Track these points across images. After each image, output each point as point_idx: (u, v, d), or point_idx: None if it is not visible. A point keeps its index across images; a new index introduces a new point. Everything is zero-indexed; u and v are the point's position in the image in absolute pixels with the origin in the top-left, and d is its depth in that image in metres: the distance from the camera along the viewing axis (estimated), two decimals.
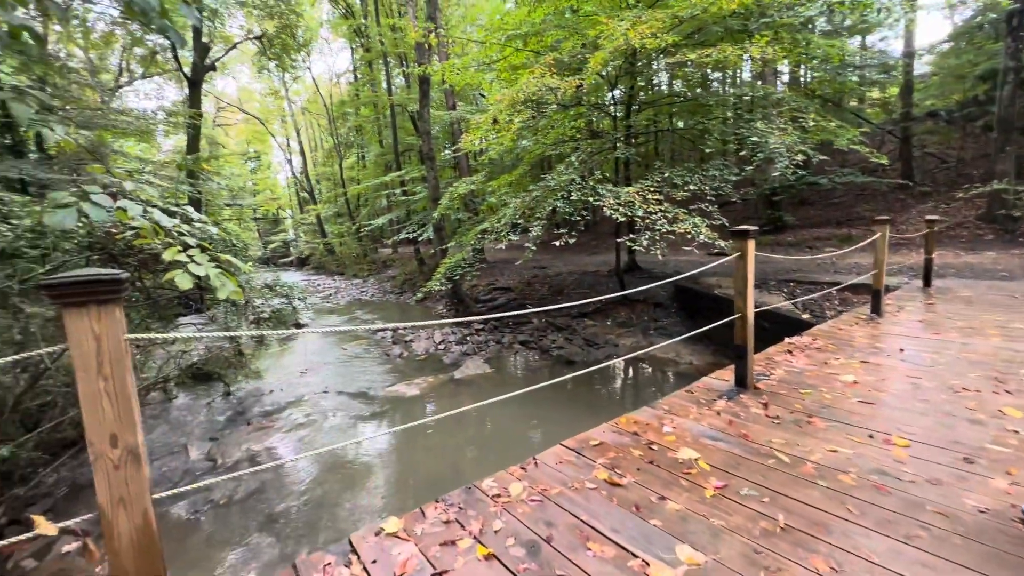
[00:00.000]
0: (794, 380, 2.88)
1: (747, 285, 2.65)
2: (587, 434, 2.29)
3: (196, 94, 17.79)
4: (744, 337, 2.70)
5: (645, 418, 2.43)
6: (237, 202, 34.32)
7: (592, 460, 2.02)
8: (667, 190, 6.21)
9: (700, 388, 2.82)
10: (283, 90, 31.51)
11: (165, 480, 4.86)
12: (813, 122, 6.14)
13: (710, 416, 2.42)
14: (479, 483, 1.88)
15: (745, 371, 2.73)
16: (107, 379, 0.91)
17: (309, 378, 7.97)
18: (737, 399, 2.61)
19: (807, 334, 3.96)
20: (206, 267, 2.34)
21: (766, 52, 5.32)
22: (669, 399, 2.68)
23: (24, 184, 8.10)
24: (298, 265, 36.31)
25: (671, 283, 9.78)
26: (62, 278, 0.86)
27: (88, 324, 0.89)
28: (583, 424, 5.65)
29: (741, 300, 2.69)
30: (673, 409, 2.53)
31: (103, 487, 0.93)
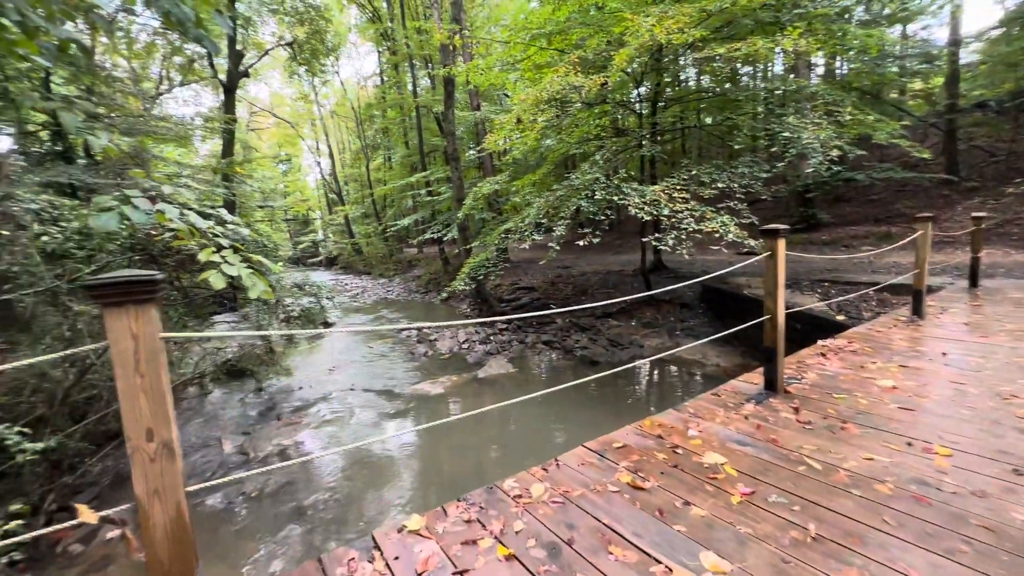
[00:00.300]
0: (827, 384, 2.78)
1: (777, 285, 2.57)
2: (610, 436, 2.26)
3: (231, 100, 18.42)
4: (774, 339, 2.62)
5: (670, 421, 2.39)
6: (269, 204, 35.48)
7: (615, 463, 2.00)
8: (694, 188, 6.07)
9: (727, 391, 2.75)
10: (313, 94, 32.31)
11: (201, 472, 5.06)
12: (850, 116, 5.89)
13: (737, 420, 2.35)
14: (501, 483, 1.88)
15: (775, 374, 2.65)
16: (143, 376, 0.95)
17: (336, 376, 8.15)
18: (766, 403, 2.54)
19: (841, 336, 3.81)
20: (238, 268, 2.42)
21: (799, 44, 5.13)
22: (695, 402, 2.62)
23: (73, 188, 8.57)
24: (327, 265, 37.17)
25: (698, 283, 9.59)
26: (103, 279, 0.90)
27: (126, 323, 0.93)
28: (606, 425, 5.59)
29: (771, 301, 2.61)
30: (699, 412, 2.47)
31: (140, 479, 0.97)
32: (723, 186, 6.02)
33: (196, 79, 20.69)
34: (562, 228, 6.19)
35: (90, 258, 3.28)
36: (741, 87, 11.53)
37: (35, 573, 3.55)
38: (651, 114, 8.75)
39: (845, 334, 3.89)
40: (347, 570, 1.43)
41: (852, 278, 7.79)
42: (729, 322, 8.30)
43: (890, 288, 6.92)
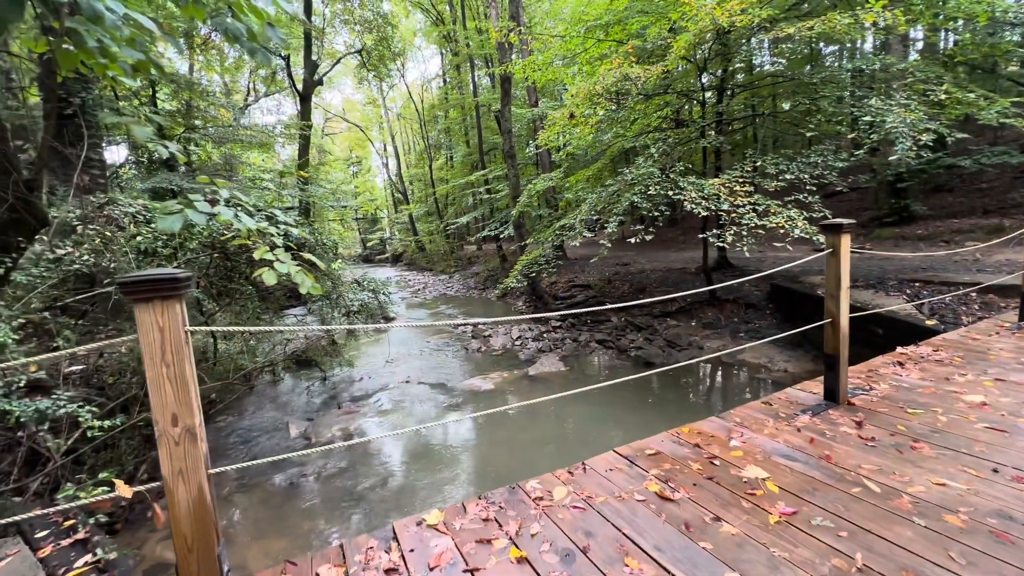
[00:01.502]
0: (901, 397, 2.48)
1: (840, 285, 2.33)
2: (644, 442, 2.16)
3: (306, 108, 19.74)
4: (836, 345, 2.37)
5: (711, 429, 2.24)
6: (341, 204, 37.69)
7: (645, 470, 1.91)
8: (758, 180, 5.65)
9: (781, 400, 2.54)
10: (380, 98, 33.84)
11: (269, 453, 5.49)
12: (946, 94, 5.18)
13: (788, 432, 2.16)
14: (523, 483, 1.87)
15: (836, 384, 2.40)
16: (169, 366, 1.05)
17: (394, 368, 8.49)
18: (824, 415, 2.31)
19: (927, 343, 3.39)
20: (289, 265, 2.58)
21: (884, 18, 4.59)
22: (742, 410, 2.44)
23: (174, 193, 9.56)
24: (392, 261, 38.86)
25: (765, 282, 8.94)
26: (132, 277, 1.00)
27: (153, 317, 1.03)
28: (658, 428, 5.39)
29: (833, 302, 2.37)
30: (745, 421, 2.30)
31: (165, 460, 1.07)
32: (792, 177, 5.54)
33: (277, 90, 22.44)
34: (614, 225, 6.01)
35: (173, 255, 3.65)
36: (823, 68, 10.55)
37: (129, 532, 4.03)
38: (717, 102, 8.25)
39: (931, 341, 3.45)
40: (364, 558, 1.48)
41: (950, 277, 6.91)
42: (800, 325, 7.66)
43: (998, 289, 6.06)
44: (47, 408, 2.39)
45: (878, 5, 4.64)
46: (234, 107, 19.82)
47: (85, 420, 2.56)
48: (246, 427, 6.28)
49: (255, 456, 5.40)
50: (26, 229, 2.67)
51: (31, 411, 2.34)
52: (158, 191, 9.44)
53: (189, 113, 14.68)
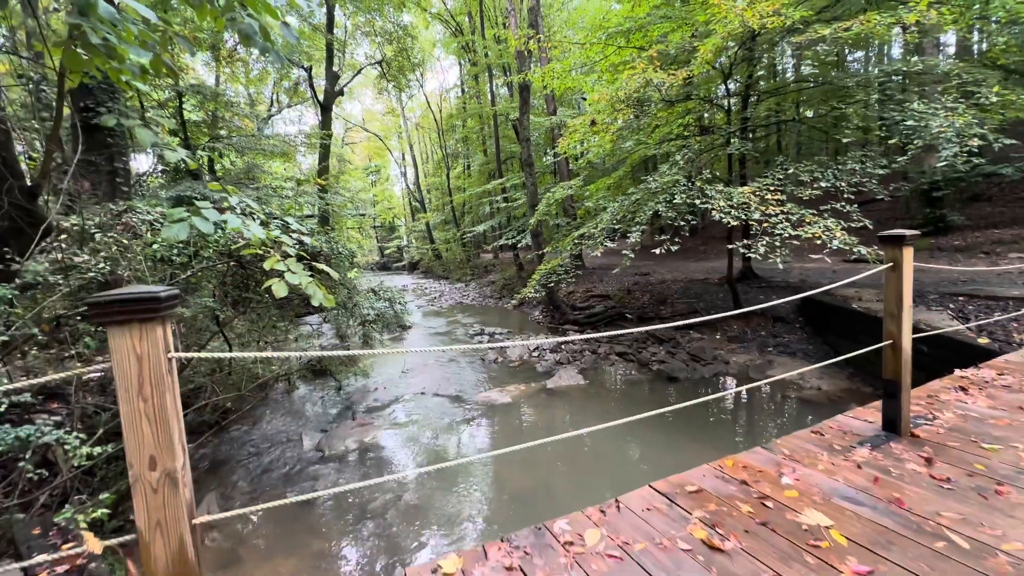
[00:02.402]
0: (972, 429, 2.21)
1: (902, 304, 2.09)
2: (683, 477, 1.95)
3: (327, 118, 20.05)
4: (897, 370, 2.13)
5: (757, 463, 2.02)
6: (360, 212, 38.22)
7: (687, 511, 1.70)
8: (791, 188, 5.38)
9: (833, 429, 2.29)
10: (399, 108, 34.26)
11: (283, 466, 5.37)
12: (997, 96, 4.86)
13: (847, 468, 1.92)
14: (551, 524, 1.67)
15: (898, 413, 2.15)
16: (147, 400, 0.90)
17: (410, 378, 8.35)
18: (885, 449, 2.06)
19: (988, 366, 3.09)
20: (300, 276, 2.45)
21: (927, 17, 4.33)
22: (790, 439, 2.21)
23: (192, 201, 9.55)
24: (409, 269, 39.10)
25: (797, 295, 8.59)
26: (104, 296, 0.86)
27: (130, 343, 0.88)
28: (682, 451, 5.10)
29: (893, 323, 2.12)
30: (796, 454, 2.07)
31: (141, 510, 0.91)
32: (827, 185, 5.26)
33: (300, 101, 22.89)
34: (637, 235, 5.80)
35: (188, 264, 3.58)
36: (850, 74, 10.19)
37: None
38: (741, 109, 8.00)
39: (993, 363, 3.15)
40: None
41: (996, 292, 6.50)
42: (832, 339, 7.31)
43: None
44: (29, 435, 2.25)
45: (923, 4, 4.38)
46: (257, 117, 20.28)
47: (72, 448, 2.43)
48: (259, 437, 6.19)
49: (266, 470, 5.29)
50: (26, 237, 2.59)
51: (10, 439, 2.20)
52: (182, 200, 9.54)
53: (215, 123, 14.99)
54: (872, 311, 6.46)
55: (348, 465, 5.40)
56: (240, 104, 17.91)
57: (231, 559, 3.83)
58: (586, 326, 10.48)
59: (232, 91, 21.30)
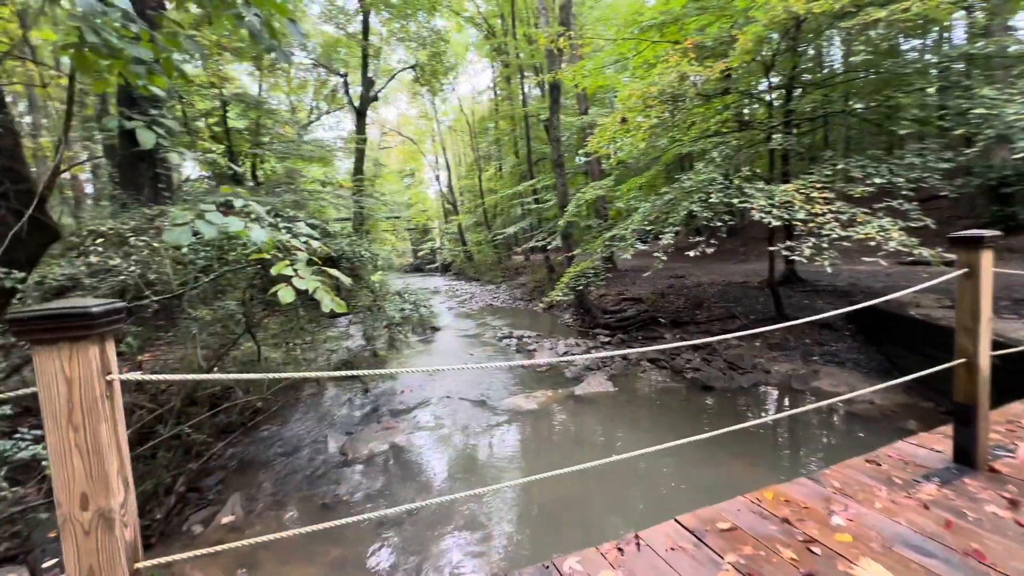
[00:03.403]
0: None
1: (979, 316, 1.79)
2: (714, 511, 1.72)
3: (362, 123, 20.49)
4: (972, 393, 1.83)
5: (803, 496, 1.77)
6: (394, 215, 38.99)
7: (718, 554, 1.48)
8: (840, 186, 4.96)
9: (892, 458, 2.01)
10: (432, 112, 34.69)
11: (307, 468, 5.39)
12: None
13: (911, 508, 1.65)
14: (560, 562, 1.49)
15: (973, 443, 1.85)
16: (78, 429, 0.79)
17: (436, 381, 8.30)
18: (958, 486, 1.77)
19: None
20: (309, 282, 2.37)
21: None
22: (841, 469, 1.94)
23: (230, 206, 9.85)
24: (442, 271, 39.51)
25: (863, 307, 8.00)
26: (28, 312, 0.75)
27: (57, 365, 0.78)
28: (717, 468, 4.76)
29: (968, 338, 1.83)
30: (847, 487, 1.80)
31: (70, 554, 0.80)
32: (882, 181, 4.81)
33: (337, 108, 23.54)
34: (670, 236, 5.50)
35: (207, 268, 3.60)
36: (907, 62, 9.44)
37: (164, 546, 3.99)
38: (784, 103, 7.52)
39: None
40: None
41: None
42: (887, 349, 6.74)
43: None
44: (5, 451, 2.23)
45: None
46: (297, 124, 20.98)
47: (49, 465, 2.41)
48: (288, 437, 6.26)
49: (291, 471, 5.31)
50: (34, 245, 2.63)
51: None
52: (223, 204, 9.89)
53: (258, 131, 15.57)
54: (933, 318, 5.91)
55: (372, 469, 5.36)
56: (281, 112, 18.58)
57: (249, 560, 3.83)
58: (617, 330, 10.16)
59: (275, 100, 22.15)
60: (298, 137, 17.15)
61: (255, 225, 2.00)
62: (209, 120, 14.01)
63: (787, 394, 6.48)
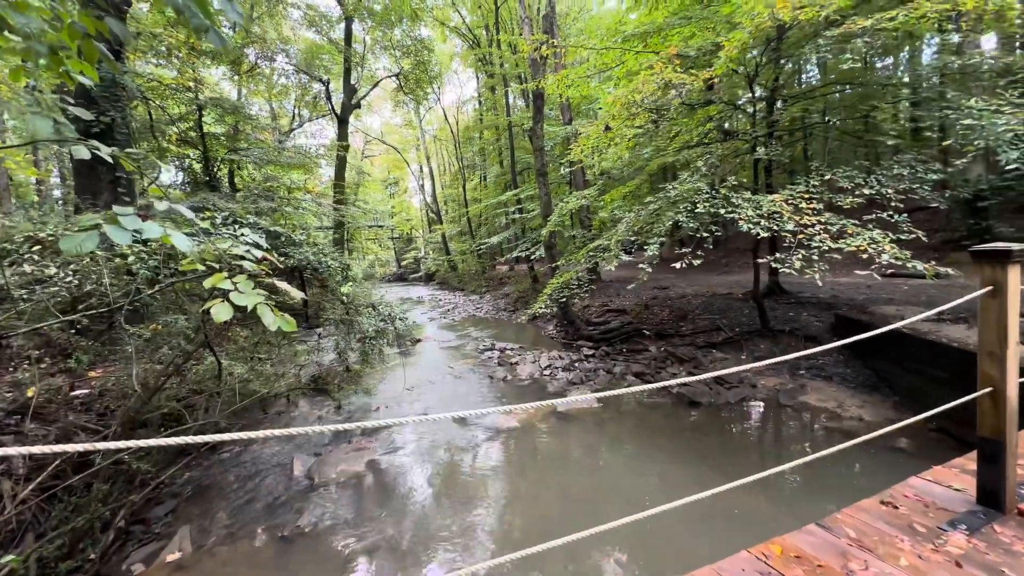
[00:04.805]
0: None
1: (1007, 340, 1.58)
2: (714, 569, 1.46)
3: (344, 130, 20.17)
4: (999, 427, 1.62)
5: (814, 550, 1.52)
6: (377, 224, 38.50)
7: None
8: (829, 196, 4.84)
9: (909, 499, 1.78)
10: (417, 121, 34.51)
11: (269, 494, 4.99)
12: None
13: (942, 567, 1.42)
14: None
15: (1001, 483, 1.64)
16: None
17: (413, 396, 7.95)
18: (988, 534, 1.55)
19: None
20: (250, 296, 2.07)
21: (990, 1, 3.79)
22: (855, 513, 1.70)
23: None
24: (425, 280, 39.08)
25: (816, 310, 7.92)
26: None
27: None
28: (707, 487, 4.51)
29: (994, 365, 1.62)
30: (865, 536, 1.57)
31: None
32: (871, 192, 4.71)
33: (320, 115, 23.18)
34: (655, 247, 5.32)
35: (155, 280, 3.26)
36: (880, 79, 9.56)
37: None
38: (767, 114, 7.49)
39: None
40: None
41: None
42: (874, 363, 6.64)
43: None
44: None
45: None
46: (279, 130, 20.55)
47: None
48: (251, 460, 5.85)
49: (251, 499, 4.91)
50: None
51: None
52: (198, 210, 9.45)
53: (236, 136, 15.12)
54: (920, 332, 5.82)
55: (341, 494, 4.99)
56: (260, 117, 18.15)
57: None
58: (601, 342, 9.95)
59: (256, 106, 21.70)
60: (278, 144, 16.75)
61: (177, 232, 1.70)
62: (184, 124, 13.55)
63: (775, 410, 6.32)
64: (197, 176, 14.63)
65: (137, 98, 9.23)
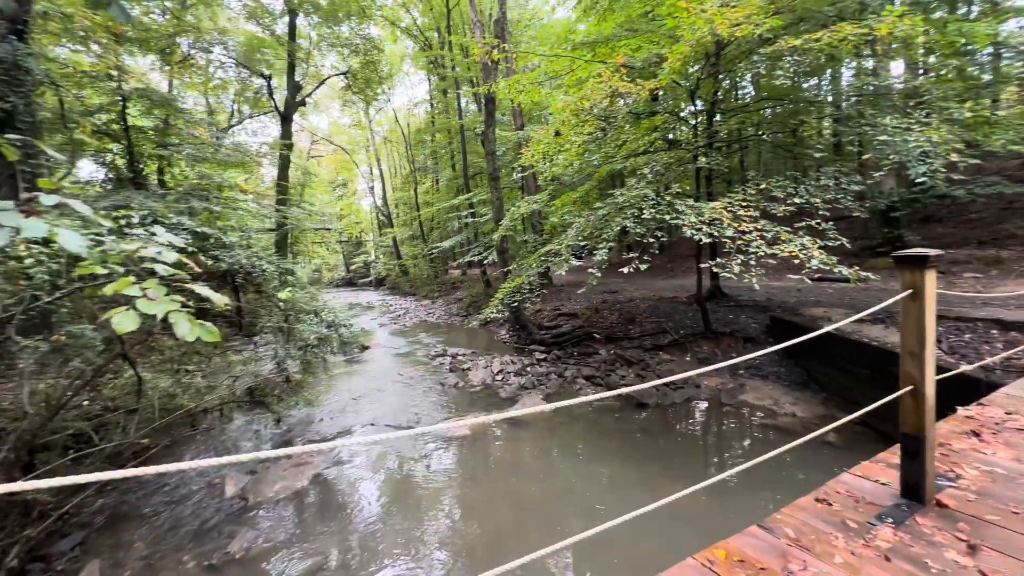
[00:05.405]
0: (1006, 494, 1.81)
1: (925, 341, 1.68)
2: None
3: (287, 128, 19.26)
4: (919, 424, 1.71)
5: (757, 552, 1.53)
6: (325, 227, 36.98)
7: None
8: (764, 204, 5.11)
9: (840, 495, 1.84)
10: (367, 122, 33.56)
11: (195, 518, 4.58)
12: (970, 112, 4.75)
13: (873, 561, 1.46)
14: None
15: (921, 476, 1.73)
16: None
17: (360, 406, 7.63)
18: (912, 526, 1.62)
19: (991, 402, 2.75)
20: (161, 304, 1.85)
21: (899, 28, 4.16)
22: (794, 513, 1.74)
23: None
24: (376, 285, 37.99)
25: (751, 311, 8.38)
26: None
27: None
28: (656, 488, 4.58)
29: (915, 364, 1.71)
30: (802, 536, 1.60)
31: None
32: (801, 201, 5.02)
33: (263, 112, 21.97)
34: (603, 252, 5.40)
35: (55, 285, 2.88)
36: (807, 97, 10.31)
37: None
38: (707, 125, 7.85)
39: (994, 398, 2.82)
40: None
41: (963, 312, 6.42)
42: (804, 362, 7.07)
43: (1021, 327, 5.56)
44: None
45: (896, 13, 4.23)
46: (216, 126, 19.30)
47: None
48: (176, 481, 5.36)
49: (175, 524, 4.49)
50: None
51: None
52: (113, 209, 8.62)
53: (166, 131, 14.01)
54: (844, 332, 6.25)
55: (279, 514, 4.67)
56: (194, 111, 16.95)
57: None
58: (553, 346, 10.01)
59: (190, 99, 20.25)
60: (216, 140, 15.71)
61: (68, 231, 1.49)
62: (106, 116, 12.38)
63: (717, 408, 6.57)
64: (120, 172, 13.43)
65: (45, 84, 8.33)
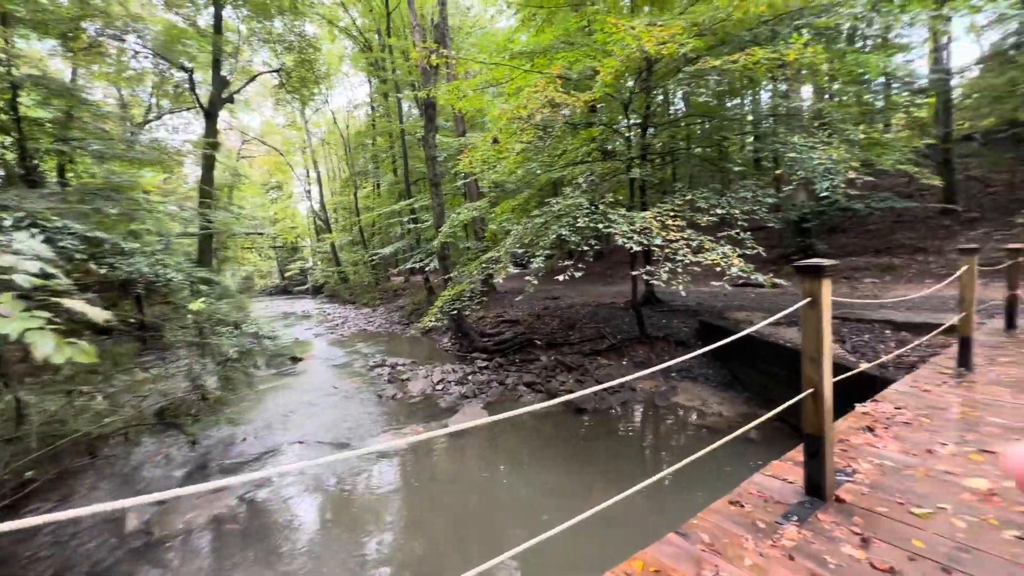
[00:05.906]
0: (894, 485, 1.96)
1: (822, 346, 1.79)
2: None
3: (212, 125, 18.01)
4: (819, 424, 1.81)
5: (672, 561, 1.54)
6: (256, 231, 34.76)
7: None
8: (690, 215, 5.39)
9: (752, 496, 1.92)
10: (303, 122, 32.11)
11: (83, 558, 4.07)
12: (864, 134, 5.28)
13: (777, 559, 1.52)
14: None
15: (821, 474, 1.83)
16: None
17: (289, 423, 7.19)
18: (814, 523, 1.71)
19: (884, 399, 3.01)
20: (19, 321, 1.60)
21: (804, 54, 4.56)
22: (709, 517, 1.78)
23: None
24: (313, 293, 36.32)
25: (686, 316, 8.82)
26: None
27: None
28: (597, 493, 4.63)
29: (814, 369, 1.81)
30: (716, 540, 1.64)
31: None
32: (723, 212, 5.34)
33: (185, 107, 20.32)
34: (540, 260, 5.44)
35: None
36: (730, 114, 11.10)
37: None
38: (641, 138, 8.19)
39: (886, 395, 3.09)
40: None
41: (863, 315, 7.09)
42: (729, 364, 7.50)
43: (911, 327, 6.21)
44: None
45: (800, 41, 4.63)
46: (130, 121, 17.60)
47: None
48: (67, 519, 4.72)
49: (65, 566, 3.97)
50: None
51: None
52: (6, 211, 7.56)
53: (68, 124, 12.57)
54: (763, 334, 6.69)
55: (189, 548, 4.25)
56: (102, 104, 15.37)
57: None
58: (495, 354, 9.97)
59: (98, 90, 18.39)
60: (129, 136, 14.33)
61: None
62: None
63: (652, 411, 6.79)
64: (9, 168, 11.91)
65: None
